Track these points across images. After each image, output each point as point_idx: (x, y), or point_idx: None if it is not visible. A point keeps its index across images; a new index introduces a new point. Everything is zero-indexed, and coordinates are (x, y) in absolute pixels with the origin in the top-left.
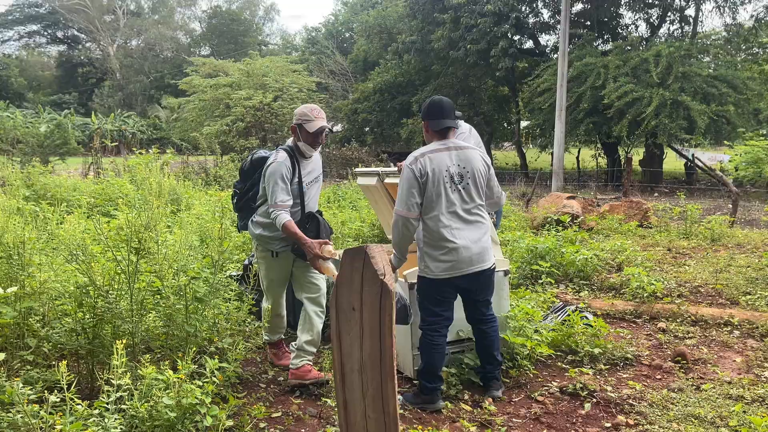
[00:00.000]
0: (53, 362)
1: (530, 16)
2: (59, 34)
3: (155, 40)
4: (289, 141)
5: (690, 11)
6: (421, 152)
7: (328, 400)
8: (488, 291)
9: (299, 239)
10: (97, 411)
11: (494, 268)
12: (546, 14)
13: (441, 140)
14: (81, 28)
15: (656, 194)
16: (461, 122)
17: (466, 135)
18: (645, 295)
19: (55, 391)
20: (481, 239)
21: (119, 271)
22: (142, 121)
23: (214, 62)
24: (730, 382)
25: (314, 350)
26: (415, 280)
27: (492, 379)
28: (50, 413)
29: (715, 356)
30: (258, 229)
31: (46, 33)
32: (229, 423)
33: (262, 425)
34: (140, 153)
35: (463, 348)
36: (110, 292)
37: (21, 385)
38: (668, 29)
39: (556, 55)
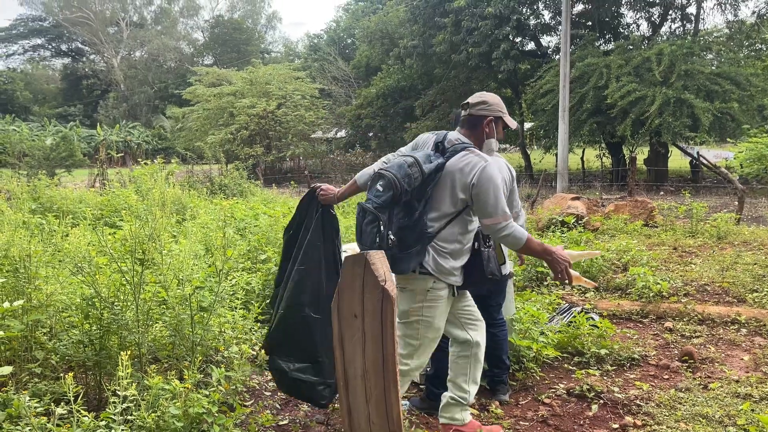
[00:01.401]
0: (61, 374)
1: (531, 17)
2: (63, 47)
3: (158, 50)
4: (460, 136)
5: (691, 9)
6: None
7: (336, 407)
8: (501, 296)
9: (548, 253)
10: (103, 422)
11: (511, 274)
12: (547, 15)
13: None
14: (85, 41)
15: (661, 193)
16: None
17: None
18: (651, 294)
19: (62, 403)
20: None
21: (124, 282)
22: (147, 131)
23: (218, 71)
24: (737, 381)
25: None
26: None
27: (499, 383)
28: (57, 425)
29: (723, 355)
30: (444, 260)
31: (50, 46)
32: (237, 431)
33: None
34: (145, 163)
35: None
36: (116, 303)
37: (28, 398)
38: (670, 27)
39: (558, 56)
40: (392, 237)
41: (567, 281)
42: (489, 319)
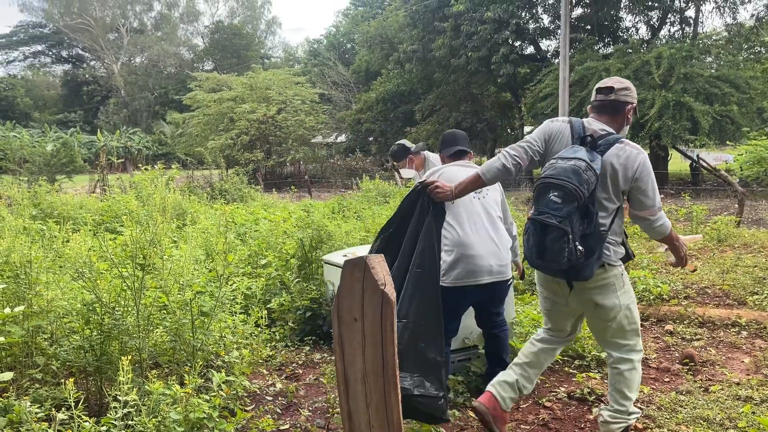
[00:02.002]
0: (62, 380)
1: (530, 22)
2: (64, 53)
3: (159, 56)
4: (602, 125)
5: (690, 12)
6: (433, 170)
7: (336, 413)
8: (503, 301)
9: (678, 240)
10: (104, 428)
11: (511, 283)
12: (546, 20)
13: (453, 161)
14: (85, 47)
15: (662, 196)
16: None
17: None
18: (651, 297)
19: (63, 408)
20: (500, 250)
21: (125, 288)
22: (148, 137)
23: (218, 77)
24: (738, 384)
25: None
26: None
27: None
28: (58, 431)
29: (723, 357)
30: (616, 248)
31: (50, 53)
32: None
33: None
34: (146, 169)
35: (470, 356)
36: (117, 308)
37: (29, 403)
38: (669, 31)
39: (557, 60)
40: (580, 248)
41: (684, 265)
42: (490, 322)
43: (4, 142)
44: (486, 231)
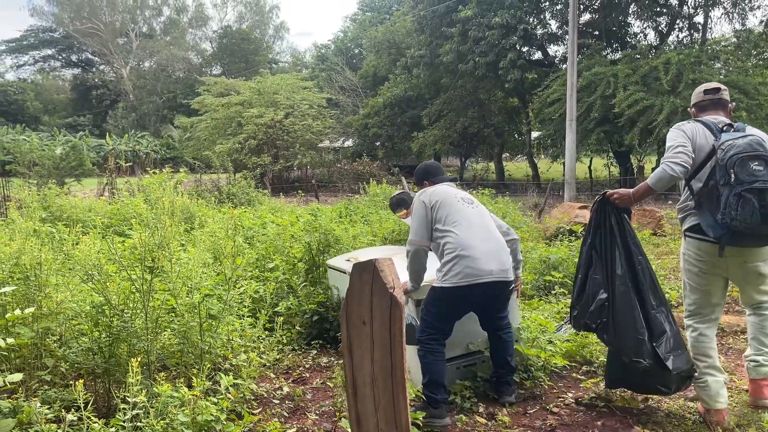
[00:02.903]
0: (70, 381)
1: (538, 27)
2: (73, 57)
3: (167, 61)
4: (722, 118)
5: (699, 18)
6: (424, 191)
7: (343, 417)
8: (506, 303)
9: None
10: (113, 429)
11: (514, 287)
12: (554, 25)
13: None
14: (95, 51)
15: (670, 202)
16: None
17: None
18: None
19: (72, 410)
20: (500, 253)
21: (134, 290)
22: (156, 141)
23: (226, 81)
24: (747, 390)
25: None
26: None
27: (504, 384)
28: None
29: (732, 364)
30: None
31: (60, 57)
32: None
33: None
34: (154, 173)
35: (475, 361)
36: (125, 311)
37: (39, 404)
38: (677, 37)
39: (565, 66)
40: None
41: None
42: (494, 325)
43: (14, 145)
44: (485, 234)
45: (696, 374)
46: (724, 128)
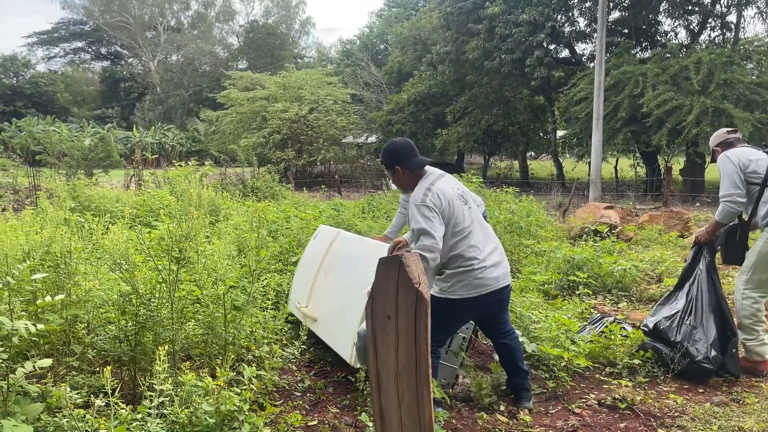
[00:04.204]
0: (97, 368)
1: (566, 25)
2: (103, 50)
3: (194, 54)
4: None
5: (731, 17)
6: (427, 186)
7: (364, 412)
8: (508, 306)
9: None
10: (140, 416)
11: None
12: (582, 23)
13: (425, 174)
14: (123, 45)
15: (698, 204)
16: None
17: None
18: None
19: (101, 395)
20: (503, 256)
21: (160, 280)
22: (182, 134)
23: (251, 76)
24: None
25: None
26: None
27: (522, 390)
28: (95, 417)
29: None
30: None
31: (90, 50)
32: (267, 430)
33: None
34: (179, 165)
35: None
36: (152, 300)
37: (69, 389)
38: (709, 36)
39: (592, 64)
40: None
41: None
42: (497, 330)
43: (45, 136)
44: (486, 238)
45: (752, 336)
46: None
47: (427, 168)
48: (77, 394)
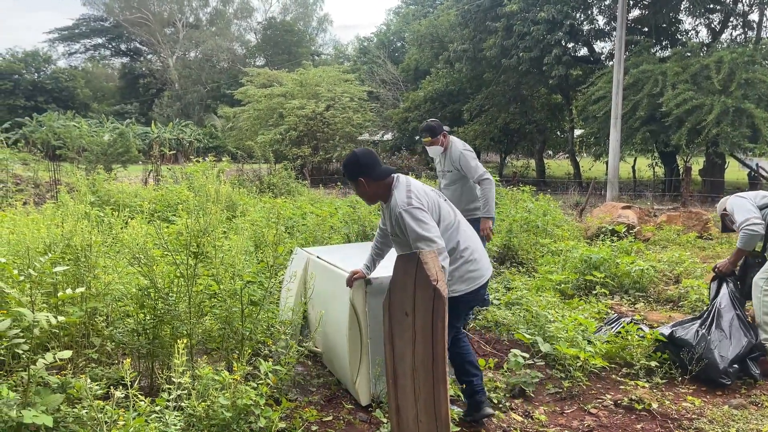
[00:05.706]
0: (115, 361)
1: (585, 23)
2: (122, 46)
3: (212, 51)
4: None
5: (754, 16)
6: (407, 189)
7: (378, 408)
8: (461, 316)
9: None
10: (158, 408)
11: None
12: (601, 21)
13: (394, 181)
14: (143, 41)
15: (717, 205)
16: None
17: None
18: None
19: (120, 387)
20: (483, 246)
21: (178, 275)
22: (199, 130)
23: (269, 72)
24: None
25: None
26: None
27: (478, 393)
28: (114, 409)
29: None
30: None
31: (110, 46)
32: (282, 425)
33: (313, 428)
34: (197, 161)
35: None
36: (170, 294)
37: (88, 381)
38: (731, 35)
39: (611, 63)
40: None
41: None
42: (454, 337)
43: (65, 131)
44: (470, 230)
45: None
46: None
47: (395, 175)
48: (96, 385)
